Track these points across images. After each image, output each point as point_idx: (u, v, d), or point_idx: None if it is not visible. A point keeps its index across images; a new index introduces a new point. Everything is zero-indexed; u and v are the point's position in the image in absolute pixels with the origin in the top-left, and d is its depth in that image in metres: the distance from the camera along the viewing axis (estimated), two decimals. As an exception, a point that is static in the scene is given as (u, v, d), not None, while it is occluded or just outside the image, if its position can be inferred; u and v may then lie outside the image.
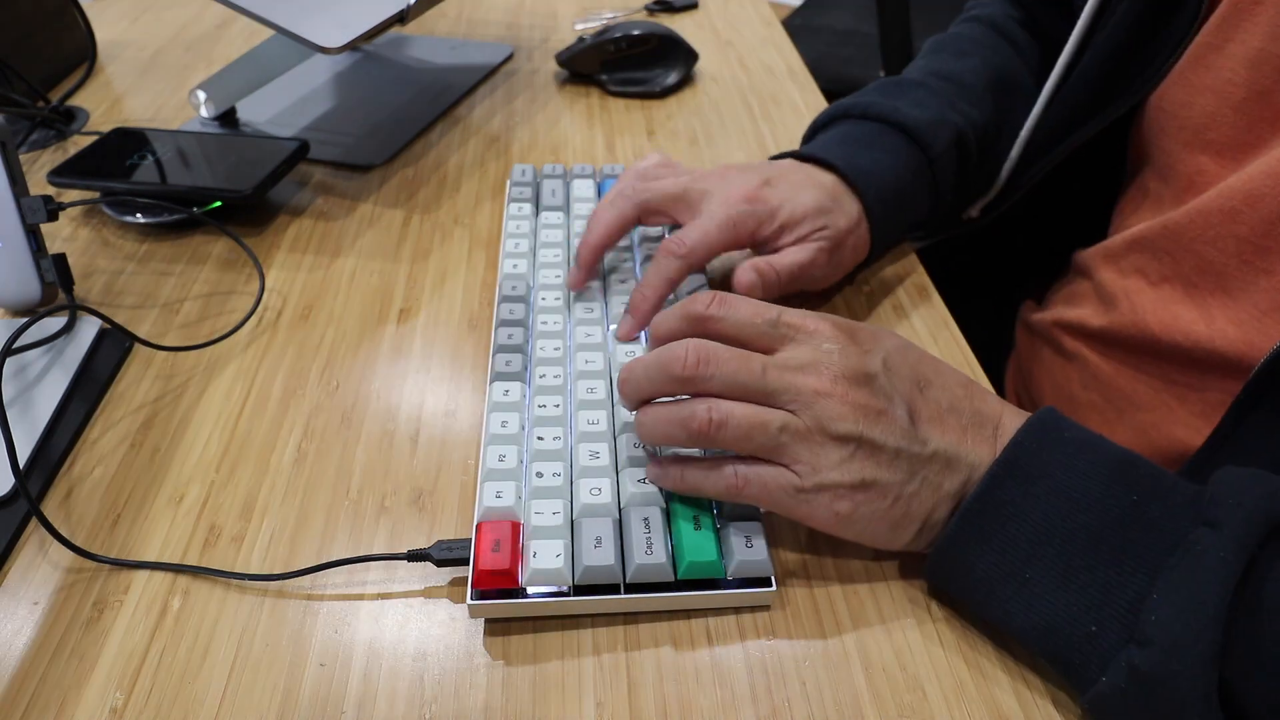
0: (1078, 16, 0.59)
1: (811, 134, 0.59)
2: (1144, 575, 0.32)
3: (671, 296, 0.49)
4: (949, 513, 0.37)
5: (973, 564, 0.36)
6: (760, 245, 0.51)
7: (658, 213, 0.51)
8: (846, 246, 0.52)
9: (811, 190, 0.51)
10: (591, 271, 0.52)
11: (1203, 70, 0.47)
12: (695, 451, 0.40)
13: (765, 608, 0.38)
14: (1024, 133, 0.58)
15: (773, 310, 0.39)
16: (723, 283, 0.54)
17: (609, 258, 0.54)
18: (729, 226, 0.48)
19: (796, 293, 0.53)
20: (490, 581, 0.37)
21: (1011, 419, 0.38)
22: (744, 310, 0.39)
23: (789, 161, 0.54)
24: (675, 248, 0.48)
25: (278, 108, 0.74)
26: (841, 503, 0.36)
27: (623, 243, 0.55)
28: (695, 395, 0.38)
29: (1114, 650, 0.32)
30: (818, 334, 0.38)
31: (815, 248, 0.50)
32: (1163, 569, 0.32)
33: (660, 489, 0.40)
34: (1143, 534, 0.33)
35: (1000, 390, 0.62)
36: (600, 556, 0.37)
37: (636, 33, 0.77)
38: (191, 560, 0.40)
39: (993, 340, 0.64)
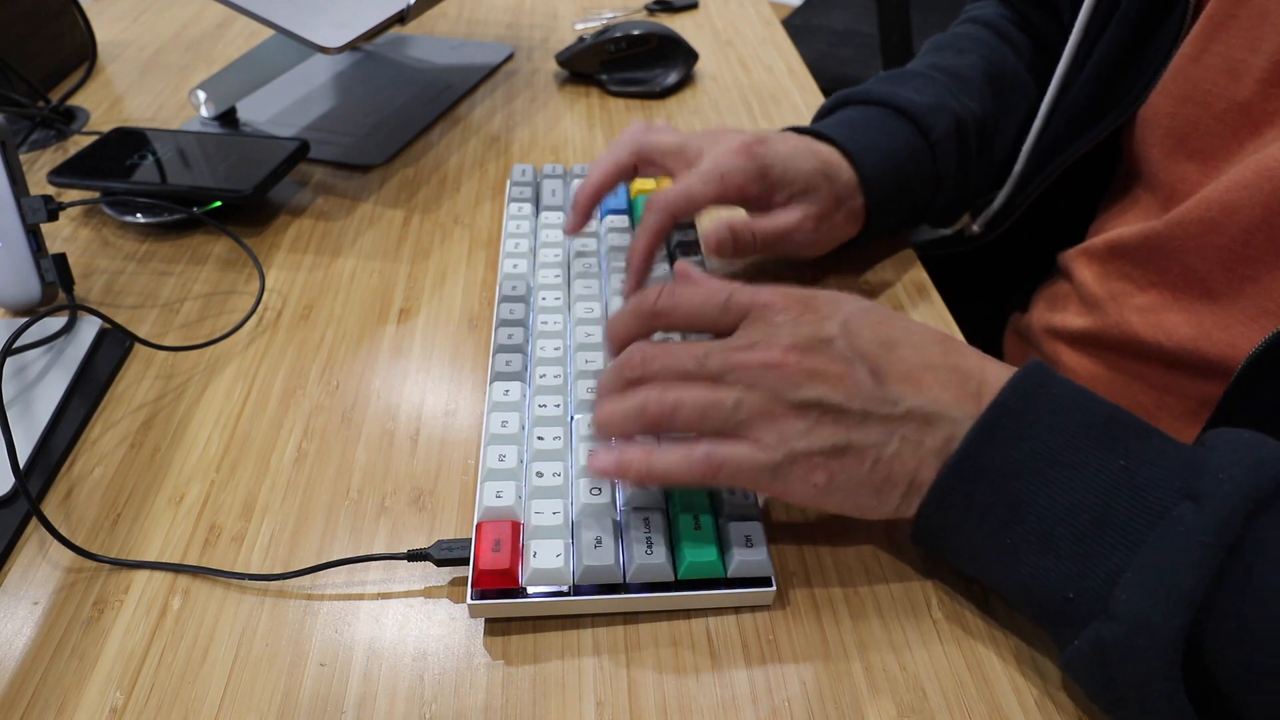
0: (1064, 18, 0.60)
1: (815, 121, 0.59)
2: (1123, 549, 0.32)
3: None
4: (935, 472, 0.36)
5: (955, 528, 0.36)
6: (752, 203, 0.51)
7: (653, 163, 0.51)
8: (837, 217, 0.52)
9: (808, 156, 0.51)
10: (586, 217, 0.52)
11: (1183, 80, 0.48)
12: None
13: (765, 608, 0.38)
14: (1025, 147, 0.59)
15: (722, 292, 0.39)
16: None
17: (611, 259, 0.54)
18: (716, 179, 0.48)
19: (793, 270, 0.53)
20: (490, 581, 0.37)
21: (996, 373, 0.37)
22: (693, 299, 0.39)
23: (789, 132, 0.54)
24: (659, 201, 0.48)
25: (278, 108, 0.74)
26: (817, 473, 0.35)
27: (623, 242, 0.55)
28: None
29: (1088, 619, 0.32)
30: (770, 307, 0.38)
31: (802, 213, 0.50)
32: (1142, 545, 0.31)
33: (662, 489, 0.40)
34: (1127, 504, 0.32)
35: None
36: (600, 556, 0.37)
37: (636, 33, 0.77)
38: (191, 560, 0.40)
39: (986, 349, 0.64)
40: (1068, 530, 0.33)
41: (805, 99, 0.78)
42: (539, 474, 0.40)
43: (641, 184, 0.60)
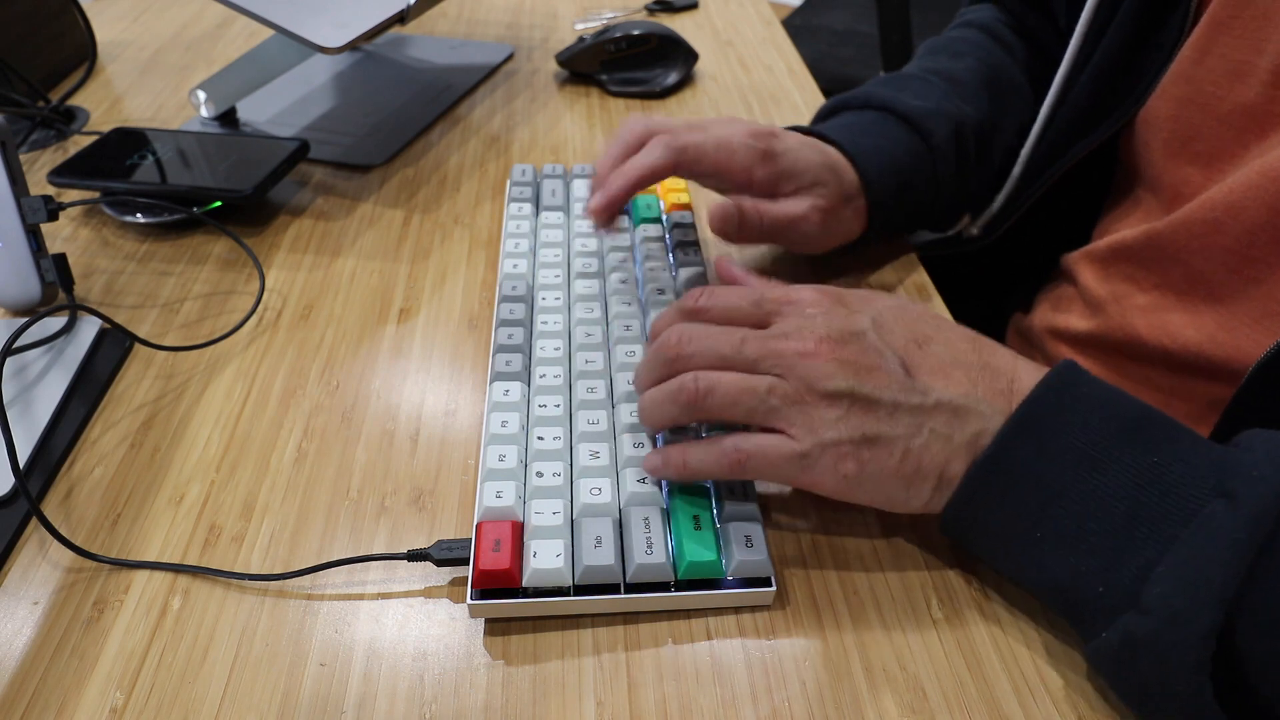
0: (1059, 22, 0.60)
1: (812, 125, 0.59)
2: (1156, 544, 0.32)
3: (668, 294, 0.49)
4: (965, 466, 0.36)
5: (985, 522, 0.36)
6: (758, 188, 0.50)
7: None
8: (843, 215, 0.52)
9: (815, 150, 0.51)
10: (615, 215, 0.49)
11: (1185, 83, 0.48)
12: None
13: (765, 608, 0.38)
14: (1025, 150, 0.59)
15: (756, 290, 0.40)
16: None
17: (611, 259, 0.54)
18: (726, 148, 0.48)
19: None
20: (490, 581, 0.37)
21: (1028, 372, 0.37)
22: (729, 296, 0.41)
23: (793, 130, 0.54)
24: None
25: (278, 108, 0.74)
26: (846, 463, 0.36)
27: (622, 241, 0.55)
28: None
29: (1117, 612, 0.32)
30: (801, 302, 0.39)
31: (810, 204, 0.50)
32: (1175, 541, 0.32)
33: (662, 489, 0.40)
34: (1159, 500, 0.32)
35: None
36: (600, 556, 0.37)
37: (636, 33, 0.77)
38: (191, 560, 0.40)
39: None
40: (1099, 525, 0.33)
41: (805, 99, 0.78)
42: (539, 474, 0.40)
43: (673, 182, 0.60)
